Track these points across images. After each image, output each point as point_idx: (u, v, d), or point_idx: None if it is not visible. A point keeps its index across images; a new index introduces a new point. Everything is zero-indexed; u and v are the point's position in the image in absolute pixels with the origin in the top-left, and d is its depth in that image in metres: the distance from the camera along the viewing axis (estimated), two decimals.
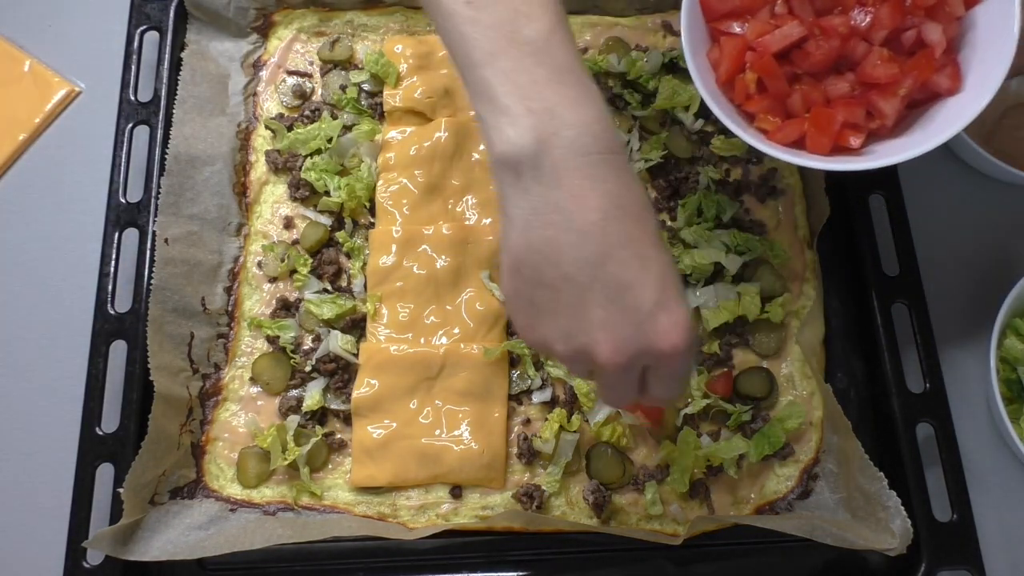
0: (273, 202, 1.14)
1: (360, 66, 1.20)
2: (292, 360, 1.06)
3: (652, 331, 0.68)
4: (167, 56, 1.16)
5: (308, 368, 1.06)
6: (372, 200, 1.13)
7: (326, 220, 1.13)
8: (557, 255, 0.68)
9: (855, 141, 0.87)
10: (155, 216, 1.06)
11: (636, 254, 0.68)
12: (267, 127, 1.17)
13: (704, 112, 1.16)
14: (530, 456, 1.01)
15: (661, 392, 0.75)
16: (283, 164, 1.15)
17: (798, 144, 0.89)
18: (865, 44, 0.87)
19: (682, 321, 0.69)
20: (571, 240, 0.67)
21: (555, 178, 0.67)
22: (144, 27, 1.17)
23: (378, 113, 1.18)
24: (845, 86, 0.87)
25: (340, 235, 1.12)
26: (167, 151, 1.08)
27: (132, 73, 1.15)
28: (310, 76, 1.21)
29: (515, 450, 1.02)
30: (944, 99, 0.88)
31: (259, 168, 1.16)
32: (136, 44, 1.16)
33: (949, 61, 0.86)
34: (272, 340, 1.07)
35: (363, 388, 1.02)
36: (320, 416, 1.05)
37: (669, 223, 1.11)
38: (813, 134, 0.87)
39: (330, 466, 1.03)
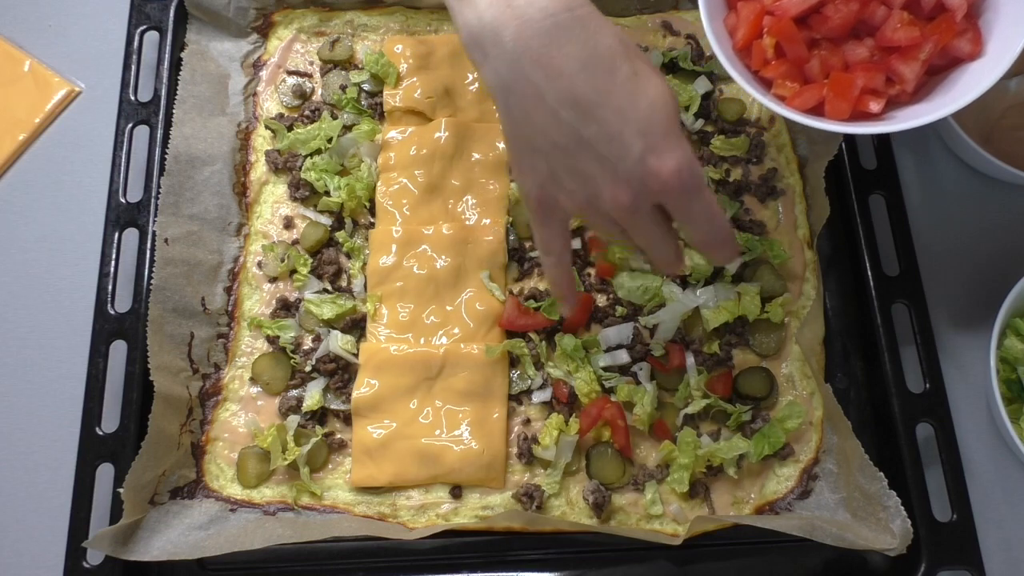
0: (273, 202, 1.14)
1: (360, 66, 1.20)
2: (292, 360, 1.06)
3: (645, 173, 0.71)
4: (167, 56, 1.16)
5: (308, 368, 1.06)
6: (372, 200, 1.13)
7: (326, 220, 1.13)
8: (539, 126, 0.71)
9: (875, 106, 0.86)
10: (155, 216, 1.06)
11: (613, 107, 0.70)
12: (267, 127, 1.17)
13: (704, 112, 1.17)
14: (530, 456, 1.01)
15: (697, 235, 0.77)
16: (283, 164, 1.15)
17: (816, 110, 0.88)
18: (884, 8, 0.85)
19: (673, 157, 0.70)
20: (547, 108, 0.70)
21: (518, 51, 0.70)
22: (144, 27, 1.17)
23: (378, 113, 1.18)
24: (864, 51, 0.86)
25: (340, 235, 1.12)
26: (167, 151, 1.08)
27: (132, 73, 1.15)
28: (310, 76, 1.21)
29: (515, 450, 1.02)
30: (965, 64, 0.86)
31: (259, 168, 1.16)
32: (136, 44, 1.16)
33: (970, 25, 0.85)
34: (272, 340, 1.07)
35: (363, 388, 1.02)
36: (320, 416, 1.05)
37: None
38: (832, 99, 0.86)
39: (330, 466, 1.03)
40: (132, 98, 1.14)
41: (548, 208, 0.79)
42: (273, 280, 1.10)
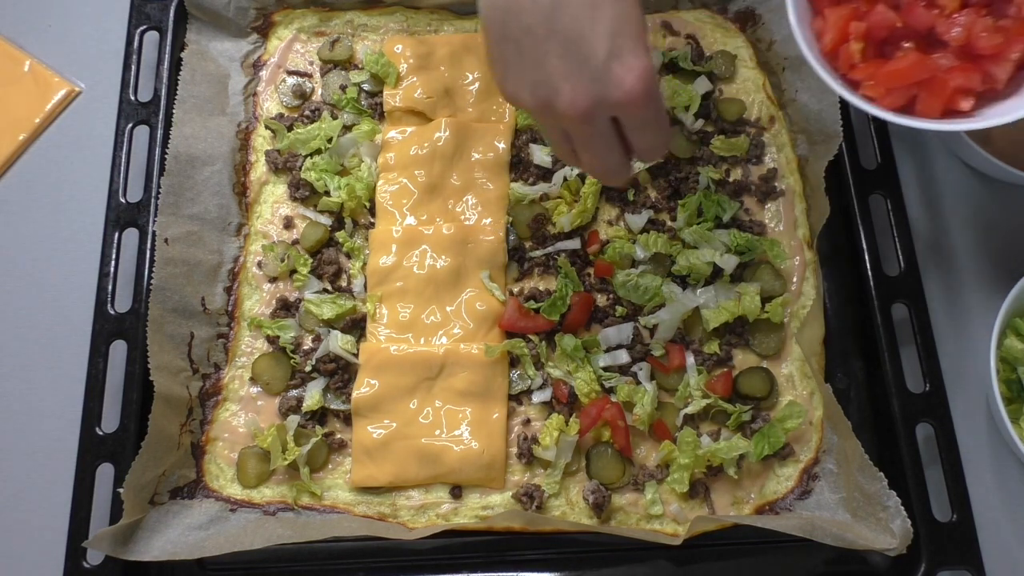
0: (273, 202, 1.14)
1: (360, 66, 1.20)
2: (292, 360, 1.06)
3: (607, 80, 0.72)
4: (167, 56, 1.16)
5: (308, 368, 1.06)
6: (372, 200, 1.13)
7: (326, 220, 1.13)
8: (516, 7, 0.72)
9: (966, 104, 0.87)
10: (155, 216, 1.06)
11: (587, 4, 0.71)
12: (267, 127, 1.17)
13: (704, 112, 1.16)
14: (530, 456, 1.01)
15: (643, 144, 0.79)
16: (283, 164, 1.15)
17: (905, 109, 0.89)
18: (967, 13, 0.87)
19: (637, 68, 0.72)
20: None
21: None
22: (144, 27, 1.17)
23: (378, 113, 1.18)
24: (947, 60, 0.87)
25: (340, 235, 1.12)
26: (167, 151, 1.08)
27: (132, 73, 1.15)
28: (310, 76, 1.21)
29: (515, 450, 1.02)
30: None
31: (259, 168, 1.16)
32: (136, 44, 1.16)
33: None
34: (272, 340, 1.07)
35: (363, 388, 1.02)
36: (320, 416, 1.05)
37: (669, 223, 1.11)
38: (925, 98, 0.88)
39: (330, 466, 1.03)
40: (132, 98, 1.14)
41: (549, 111, 0.77)
42: (273, 280, 1.10)
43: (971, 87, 0.87)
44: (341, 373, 1.05)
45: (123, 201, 1.09)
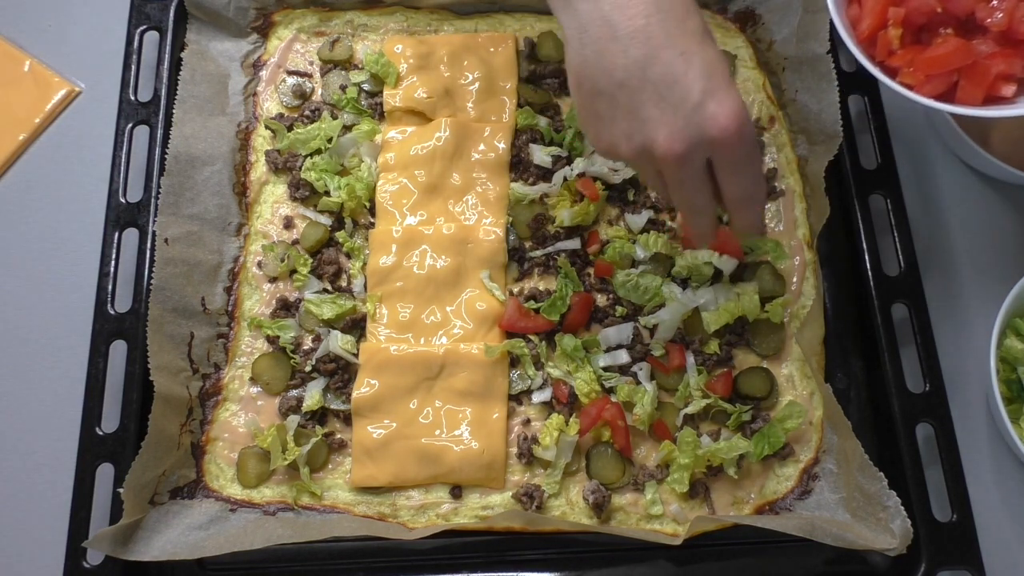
0: (273, 202, 1.14)
1: (360, 66, 1.20)
2: (292, 360, 1.06)
3: (702, 118, 0.75)
4: (167, 56, 1.16)
5: (308, 368, 1.05)
6: (372, 200, 1.13)
7: (326, 220, 1.12)
8: (608, 63, 0.76)
9: (1008, 90, 0.87)
10: (155, 216, 1.06)
11: (680, 51, 0.75)
12: (267, 127, 1.17)
13: None
14: (530, 456, 1.01)
15: (735, 188, 0.81)
16: (283, 164, 1.15)
17: (945, 97, 0.89)
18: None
19: (730, 104, 0.75)
20: (618, 48, 0.75)
21: None
22: (144, 27, 1.17)
23: (378, 113, 1.18)
24: (987, 47, 0.87)
25: (340, 235, 1.12)
26: (167, 151, 1.08)
27: (132, 73, 1.15)
28: (310, 76, 1.21)
29: (515, 450, 1.02)
30: None
31: (259, 168, 1.16)
32: (136, 44, 1.16)
33: None
34: (272, 340, 1.07)
35: (363, 388, 1.02)
36: (320, 416, 1.04)
37: (669, 223, 1.11)
38: (965, 85, 0.87)
39: (330, 466, 1.03)
40: (132, 98, 1.14)
41: (646, 157, 0.80)
42: (273, 280, 1.10)
43: (1013, 73, 0.86)
44: (341, 373, 1.05)
45: (123, 201, 1.09)
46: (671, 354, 1.04)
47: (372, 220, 1.13)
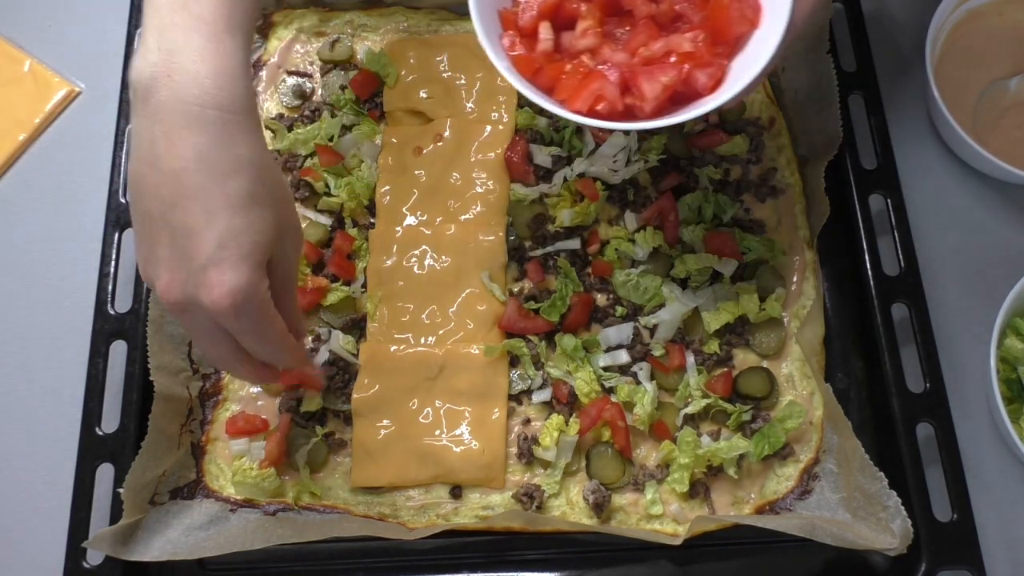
0: None
1: (360, 66, 1.20)
2: None
3: (200, 282, 0.73)
4: None
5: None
6: (372, 200, 1.13)
7: (326, 220, 1.12)
8: (142, 189, 0.74)
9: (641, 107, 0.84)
10: None
11: (204, 209, 0.72)
12: (267, 127, 1.17)
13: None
14: (530, 456, 1.01)
15: (252, 350, 0.80)
16: (283, 164, 1.15)
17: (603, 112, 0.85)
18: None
19: (232, 282, 0.73)
20: (154, 179, 0.73)
21: (157, 117, 0.73)
22: None
23: (378, 113, 1.18)
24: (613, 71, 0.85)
25: (353, 232, 1.12)
26: None
27: None
28: (310, 76, 1.21)
29: (515, 450, 1.02)
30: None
31: None
32: (136, 44, 1.16)
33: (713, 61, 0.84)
34: None
35: (363, 388, 1.02)
36: (320, 416, 1.04)
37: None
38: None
39: (330, 466, 1.03)
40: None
41: (154, 289, 0.77)
42: None
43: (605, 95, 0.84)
44: (341, 373, 1.05)
45: (123, 201, 1.09)
46: (671, 354, 1.04)
47: (372, 220, 1.13)
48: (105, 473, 0.98)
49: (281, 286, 0.81)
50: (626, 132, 1.12)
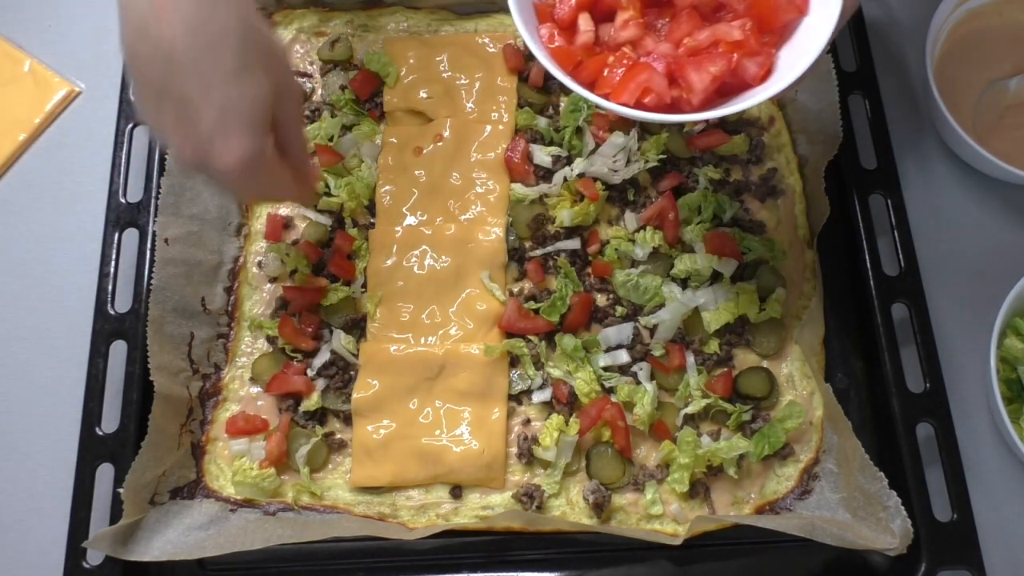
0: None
1: (360, 66, 1.20)
2: (293, 360, 1.06)
3: (210, 152, 0.75)
4: None
5: (311, 374, 1.05)
6: (372, 200, 1.13)
7: (326, 220, 1.12)
8: (137, 62, 0.75)
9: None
10: (155, 216, 1.06)
11: (200, 82, 0.73)
12: None
13: None
14: (530, 456, 1.01)
15: (266, 196, 0.95)
16: None
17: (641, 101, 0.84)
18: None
19: (234, 151, 0.75)
20: (147, 51, 0.74)
21: None
22: None
23: (378, 113, 1.18)
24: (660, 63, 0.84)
25: (353, 232, 1.12)
26: (167, 151, 1.08)
27: None
28: (310, 76, 1.21)
29: (515, 450, 1.02)
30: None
31: None
32: None
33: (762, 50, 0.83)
34: (272, 340, 1.07)
35: (363, 388, 1.02)
36: (320, 416, 1.04)
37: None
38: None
39: (330, 466, 1.03)
40: (132, 98, 1.14)
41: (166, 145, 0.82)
42: (273, 280, 1.10)
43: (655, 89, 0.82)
44: (341, 373, 1.05)
45: (123, 201, 1.09)
46: (671, 354, 1.04)
47: (372, 220, 1.13)
48: (105, 473, 0.98)
49: (286, 140, 0.84)
50: (679, 126, 1.13)
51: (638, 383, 1.03)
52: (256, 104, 0.76)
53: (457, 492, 1.01)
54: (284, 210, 1.14)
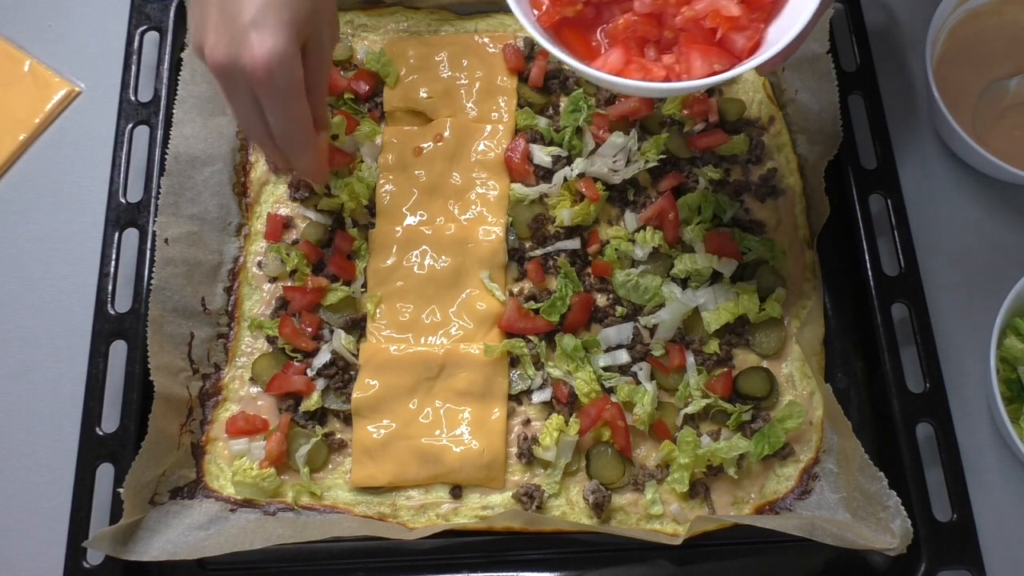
0: (273, 202, 1.14)
1: (360, 66, 1.20)
2: (293, 360, 1.06)
3: (242, 44, 0.77)
4: (167, 56, 1.16)
5: (311, 374, 1.05)
6: (372, 200, 1.13)
7: (326, 220, 1.12)
8: None
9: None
10: (155, 216, 1.06)
11: None
12: None
13: None
14: (530, 456, 1.01)
15: (274, 128, 0.84)
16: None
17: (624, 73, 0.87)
18: None
19: (271, 44, 0.77)
20: None
21: None
22: (144, 27, 1.17)
23: (378, 113, 1.18)
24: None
25: (352, 231, 1.12)
26: (167, 151, 1.08)
27: (132, 73, 1.15)
28: None
29: (515, 450, 1.02)
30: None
31: (259, 168, 1.16)
32: (136, 44, 1.16)
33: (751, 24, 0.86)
34: (272, 340, 1.07)
35: (363, 388, 1.02)
36: (320, 416, 1.04)
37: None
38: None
39: (330, 466, 1.03)
40: (132, 98, 1.14)
41: (202, 57, 0.82)
42: (273, 280, 1.10)
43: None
44: (341, 373, 1.05)
45: (123, 201, 1.09)
46: (671, 354, 1.04)
47: (372, 220, 1.13)
48: (105, 473, 0.98)
49: (313, 74, 0.85)
50: (680, 126, 1.15)
51: (638, 383, 1.03)
52: (296, 10, 0.78)
53: (457, 492, 1.01)
54: (284, 210, 1.14)
